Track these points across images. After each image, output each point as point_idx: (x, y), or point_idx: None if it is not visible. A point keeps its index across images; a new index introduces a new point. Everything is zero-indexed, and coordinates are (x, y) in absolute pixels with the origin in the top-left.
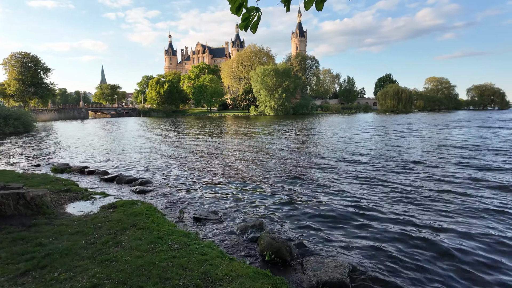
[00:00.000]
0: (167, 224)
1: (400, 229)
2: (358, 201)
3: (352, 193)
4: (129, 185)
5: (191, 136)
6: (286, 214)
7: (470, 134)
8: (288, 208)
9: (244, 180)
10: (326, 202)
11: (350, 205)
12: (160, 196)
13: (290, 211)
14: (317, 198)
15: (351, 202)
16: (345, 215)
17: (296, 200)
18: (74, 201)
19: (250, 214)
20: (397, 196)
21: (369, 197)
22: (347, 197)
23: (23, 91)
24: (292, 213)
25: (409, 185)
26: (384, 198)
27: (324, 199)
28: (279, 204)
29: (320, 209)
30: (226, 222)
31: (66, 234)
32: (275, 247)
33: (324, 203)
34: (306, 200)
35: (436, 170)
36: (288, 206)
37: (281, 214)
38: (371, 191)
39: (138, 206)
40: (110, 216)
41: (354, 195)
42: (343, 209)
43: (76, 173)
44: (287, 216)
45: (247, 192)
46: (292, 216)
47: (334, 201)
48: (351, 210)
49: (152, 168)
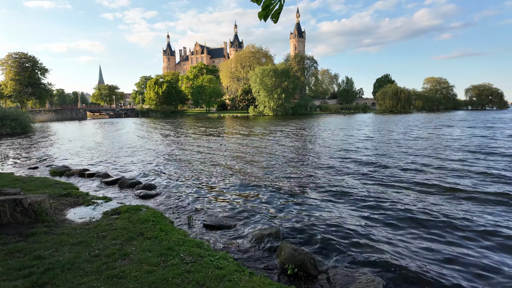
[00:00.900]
0: (176, 233)
1: (441, 240)
2: (380, 206)
3: (374, 198)
4: (132, 188)
5: (192, 137)
6: (302, 220)
7: (480, 135)
8: (303, 213)
9: (252, 182)
10: (345, 207)
11: (371, 212)
12: (165, 200)
13: (305, 216)
14: (334, 203)
15: (372, 209)
16: (366, 222)
17: (310, 204)
18: (74, 206)
19: (263, 220)
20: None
21: (393, 202)
22: (367, 202)
23: (20, 91)
24: (308, 219)
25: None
26: (416, 203)
27: (342, 205)
28: (292, 208)
29: (339, 215)
30: (238, 229)
31: (67, 245)
32: (298, 260)
33: (342, 209)
34: (321, 205)
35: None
36: (302, 211)
37: (296, 220)
38: (394, 195)
39: (144, 212)
40: (114, 224)
41: (377, 200)
42: (363, 215)
43: (76, 176)
44: (303, 223)
45: (256, 196)
46: (308, 222)
47: (353, 206)
48: (372, 216)
49: (154, 171)
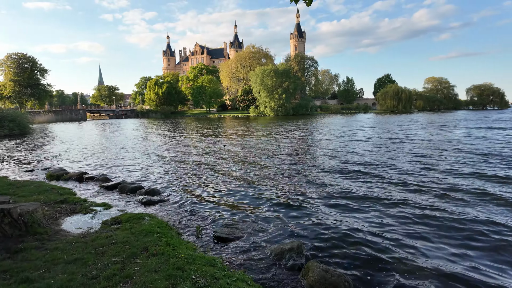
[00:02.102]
0: (185, 247)
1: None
2: (413, 215)
3: (401, 205)
4: (133, 194)
5: (194, 138)
6: (323, 232)
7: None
8: (323, 223)
9: (260, 186)
10: (370, 216)
11: (403, 221)
12: (169, 207)
13: (325, 227)
14: (354, 211)
15: (403, 219)
16: (399, 235)
17: (328, 212)
18: (71, 214)
19: (278, 231)
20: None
21: (424, 207)
22: (394, 209)
23: (19, 92)
24: (329, 231)
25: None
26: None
27: (364, 214)
28: (309, 217)
29: (365, 225)
30: (252, 241)
31: (61, 263)
32: (331, 283)
33: (366, 218)
34: (341, 213)
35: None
36: (321, 221)
37: (316, 231)
38: (421, 199)
39: (147, 222)
40: (115, 236)
41: (403, 207)
42: (395, 227)
43: (73, 180)
44: (325, 235)
45: (267, 202)
46: (330, 234)
47: (380, 215)
48: (404, 227)
49: (156, 174)
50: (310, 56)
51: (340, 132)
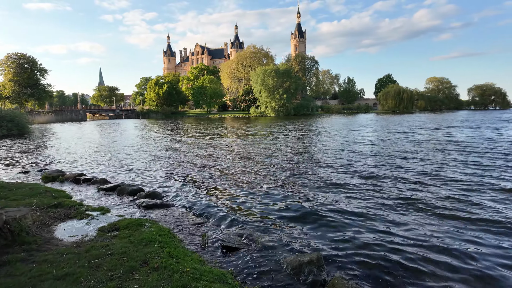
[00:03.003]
0: (190, 259)
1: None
2: (438, 215)
3: (425, 205)
4: (133, 196)
5: (195, 139)
6: (342, 243)
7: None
8: (341, 230)
9: (270, 190)
10: (389, 221)
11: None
12: (172, 212)
13: (345, 235)
14: (372, 215)
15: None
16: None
17: (347, 216)
18: (65, 220)
19: (291, 239)
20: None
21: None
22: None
23: (19, 92)
24: (350, 238)
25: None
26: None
27: (388, 221)
28: (325, 224)
29: (388, 231)
30: (265, 252)
31: (49, 279)
32: None
33: (385, 222)
34: (359, 218)
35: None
36: (339, 227)
37: (334, 240)
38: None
39: (147, 228)
40: (112, 246)
41: (427, 208)
42: (421, 235)
43: (70, 181)
44: (345, 245)
45: (278, 207)
46: (352, 243)
47: (405, 220)
48: (432, 229)
49: (157, 176)
50: (310, 56)
51: (347, 133)
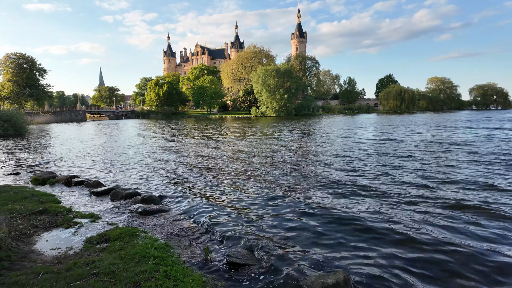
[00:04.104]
0: (190, 280)
1: None
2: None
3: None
4: (127, 201)
5: (196, 140)
6: (367, 260)
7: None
8: (366, 248)
9: (279, 195)
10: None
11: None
12: (169, 219)
13: (370, 254)
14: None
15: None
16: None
17: (371, 228)
18: (49, 229)
19: (309, 255)
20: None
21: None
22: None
23: (18, 93)
24: (377, 255)
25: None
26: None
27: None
28: (343, 235)
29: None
30: (280, 270)
31: None
32: None
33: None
34: (382, 230)
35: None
36: (363, 244)
37: (359, 256)
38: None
39: (141, 240)
40: (98, 262)
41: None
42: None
43: (61, 184)
44: (373, 265)
45: (290, 216)
46: (379, 260)
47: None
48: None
49: (155, 179)
50: (311, 56)
51: (354, 134)
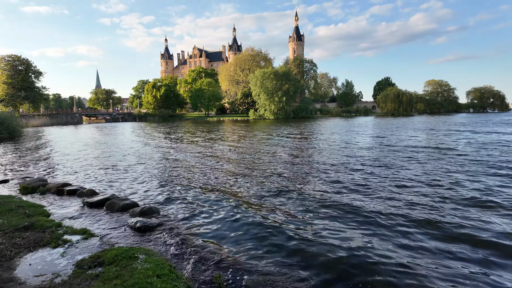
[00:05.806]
0: None
1: None
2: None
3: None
4: (125, 213)
5: (195, 143)
6: (393, 275)
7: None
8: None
9: (294, 207)
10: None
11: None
12: (172, 235)
13: (392, 263)
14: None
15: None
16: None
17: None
18: (34, 249)
19: (342, 281)
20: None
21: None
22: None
23: (13, 95)
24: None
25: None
26: None
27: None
28: (364, 247)
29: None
30: None
31: None
32: None
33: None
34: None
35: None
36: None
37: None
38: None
39: (141, 264)
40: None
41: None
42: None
43: (52, 193)
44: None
45: (308, 228)
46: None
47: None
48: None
49: (154, 187)
50: (309, 59)
51: (357, 138)
